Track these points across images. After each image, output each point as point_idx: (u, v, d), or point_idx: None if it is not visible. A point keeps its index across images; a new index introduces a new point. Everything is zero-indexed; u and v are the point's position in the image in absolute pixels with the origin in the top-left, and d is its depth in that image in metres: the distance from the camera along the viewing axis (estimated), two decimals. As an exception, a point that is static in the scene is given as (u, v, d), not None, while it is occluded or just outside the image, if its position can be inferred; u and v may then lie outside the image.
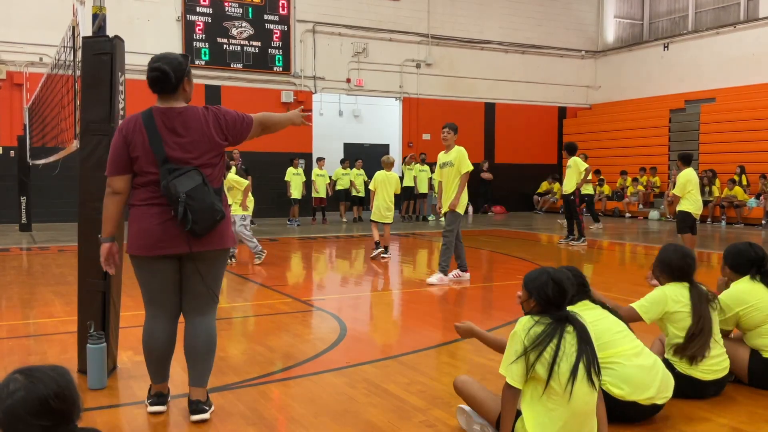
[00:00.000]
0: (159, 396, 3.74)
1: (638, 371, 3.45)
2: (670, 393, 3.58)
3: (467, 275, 8.47)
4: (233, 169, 9.75)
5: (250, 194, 9.84)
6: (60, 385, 1.83)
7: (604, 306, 3.64)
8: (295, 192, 16.58)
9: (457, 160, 8.15)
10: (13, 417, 1.78)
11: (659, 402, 3.51)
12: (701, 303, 3.95)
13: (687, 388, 3.77)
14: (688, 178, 9.39)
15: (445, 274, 8.26)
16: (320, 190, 17.23)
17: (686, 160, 9.95)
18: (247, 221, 9.84)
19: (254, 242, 9.85)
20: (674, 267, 4.08)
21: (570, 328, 3.02)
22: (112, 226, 3.58)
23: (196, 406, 3.62)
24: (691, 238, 9.56)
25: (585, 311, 3.48)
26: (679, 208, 9.60)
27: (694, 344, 3.86)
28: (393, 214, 10.76)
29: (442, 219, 8.59)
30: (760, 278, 4.24)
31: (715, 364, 3.92)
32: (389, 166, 10.78)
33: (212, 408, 3.71)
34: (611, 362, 3.44)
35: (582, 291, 3.61)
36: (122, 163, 3.49)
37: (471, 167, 8.18)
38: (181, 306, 3.70)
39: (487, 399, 3.35)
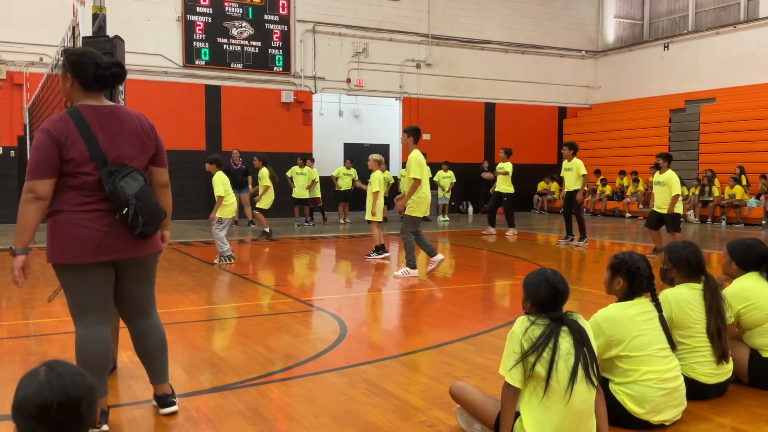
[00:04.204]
0: (103, 413, 3.49)
1: (662, 396, 3.45)
2: (680, 415, 3.58)
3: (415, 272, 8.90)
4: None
5: (229, 196, 9.78)
6: (69, 395, 1.68)
7: (658, 307, 3.61)
8: (297, 191, 16.50)
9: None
10: (18, 412, 1.69)
11: (667, 423, 3.52)
12: (715, 297, 3.93)
13: (689, 390, 3.73)
14: (677, 178, 9.82)
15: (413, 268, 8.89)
16: (314, 191, 17.03)
17: (671, 160, 10.33)
18: (222, 223, 9.80)
19: (225, 247, 9.83)
20: (692, 263, 4.02)
21: (565, 329, 3.04)
22: (30, 236, 3.28)
23: (165, 400, 3.71)
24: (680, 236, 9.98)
25: (637, 314, 3.52)
26: (676, 209, 10.07)
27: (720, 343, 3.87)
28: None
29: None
30: (766, 275, 4.21)
31: (719, 368, 3.89)
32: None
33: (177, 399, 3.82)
34: (641, 380, 3.43)
35: (646, 284, 3.59)
36: (52, 166, 3.25)
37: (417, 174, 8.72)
38: (123, 311, 3.66)
39: (484, 403, 3.36)
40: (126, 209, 3.31)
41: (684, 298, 3.92)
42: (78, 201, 3.33)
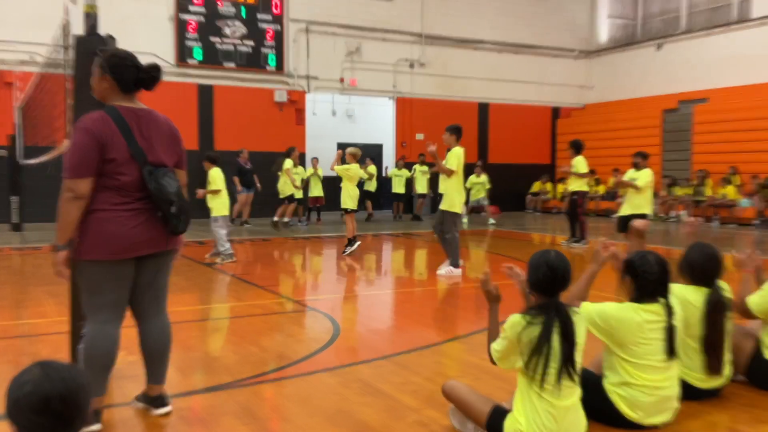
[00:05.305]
0: (96, 413, 3.51)
1: (656, 402, 3.43)
2: (672, 417, 3.54)
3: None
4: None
5: (224, 194, 9.75)
6: (68, 388, 1.76)
7: (669, 311, 3.49)
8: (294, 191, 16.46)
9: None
10: (16, 408, 1.74)
11: (660, 426, 3.50)
12: (715, 311, 3.82)
13: (682, 392, 3.65)
14: (651, 176, 9.39)
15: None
16: (316, 190, 17.08)
17: (647, 158, 9.91)
18: (219, 222, 9.76)
19: (227, 245, 9.83)
20: (695, 270, 3.90)
21: (557, 323, 3.04)
22: (72, 232, 3.38)
23: (163, 401, 3.74)
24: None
25: (646, 321, 3.42)
26: (641, 210, 9.30)
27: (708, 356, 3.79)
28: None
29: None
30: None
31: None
32: None
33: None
34: (635, 384, 3.40)
35: (658, 288, 3.48)
36: (92, 165, 3.32)
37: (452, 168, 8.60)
38: (139, 306, 3.68)
39: (476, 402, 3.37)
40: (171, 207, 3.44)
41: (688, 298, 3.84)
42: (115, 201, 3.41)
